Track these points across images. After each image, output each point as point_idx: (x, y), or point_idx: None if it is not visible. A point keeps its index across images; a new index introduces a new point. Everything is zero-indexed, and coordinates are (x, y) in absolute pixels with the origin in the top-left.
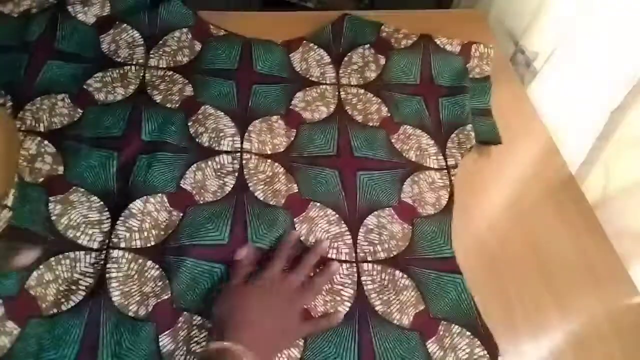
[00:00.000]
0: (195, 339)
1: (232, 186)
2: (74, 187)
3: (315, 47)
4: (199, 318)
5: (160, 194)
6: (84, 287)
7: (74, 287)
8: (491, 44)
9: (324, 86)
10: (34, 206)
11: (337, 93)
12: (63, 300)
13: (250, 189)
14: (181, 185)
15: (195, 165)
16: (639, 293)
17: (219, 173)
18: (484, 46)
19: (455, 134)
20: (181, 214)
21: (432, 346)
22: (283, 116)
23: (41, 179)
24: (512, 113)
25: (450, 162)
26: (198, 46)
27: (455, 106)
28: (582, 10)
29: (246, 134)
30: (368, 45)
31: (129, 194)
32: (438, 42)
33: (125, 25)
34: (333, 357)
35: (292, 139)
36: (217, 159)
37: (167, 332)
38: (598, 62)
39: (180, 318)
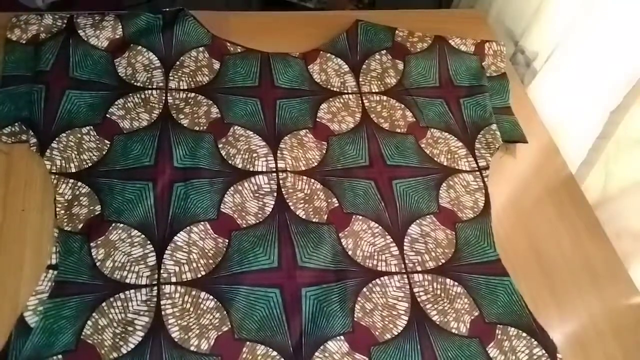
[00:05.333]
0: None
1: (272, 207)
2: (114, 224)
3: (333, 56)
4: (263, 347)
5: (202, 222)
6: (140, 327)
7: (130, 328)
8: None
9: (347, 96)
10: (76, 257)
11: (360, 102)
12: (122, 343)
13: (291, 208)
14: (222, 210)
15: (232, 188)
16: (639, 293)
17: (257, 194)
18: (496, 44)
19: (482, 134)
20: (227, 241)
21: (492, 351)
22: (311, 129)
23: (80, 226)
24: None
25: (481, 163)
26: (217, 64)
27: (477, 106)
28: (582, 10)
29: (278, 151)
30: (384, 51)
31: (172, 225)
32: (452, 43)
33: (139, 47)
34: None
35: (324, 152)
36: (253, 180)
37: None
38: (598, 62)
39: (244, 349)
